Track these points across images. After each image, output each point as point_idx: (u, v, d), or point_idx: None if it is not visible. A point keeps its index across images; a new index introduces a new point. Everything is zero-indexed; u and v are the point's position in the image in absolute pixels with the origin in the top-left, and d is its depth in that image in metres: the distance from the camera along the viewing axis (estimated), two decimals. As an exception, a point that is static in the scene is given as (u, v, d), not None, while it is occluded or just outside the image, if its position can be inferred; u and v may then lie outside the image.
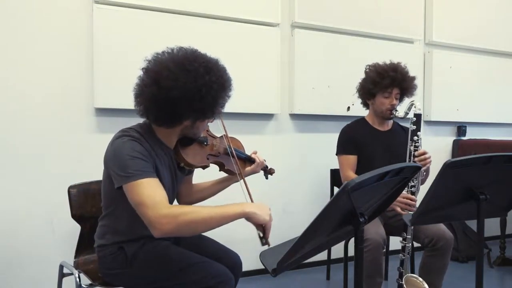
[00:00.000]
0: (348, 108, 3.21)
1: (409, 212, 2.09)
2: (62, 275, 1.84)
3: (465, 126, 3.80)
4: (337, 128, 2.51)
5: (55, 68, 2.45)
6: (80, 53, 2.49)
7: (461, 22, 3.66)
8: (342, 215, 1.13)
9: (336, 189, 2.66)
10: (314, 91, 3.11)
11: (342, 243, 2.51)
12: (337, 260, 3.06)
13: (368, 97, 2.42)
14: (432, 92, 3.57)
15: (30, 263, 2.41)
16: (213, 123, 1.62)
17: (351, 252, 1.36)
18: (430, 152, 2.17)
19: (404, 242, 2.12)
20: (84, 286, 1.67)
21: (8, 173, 2.36)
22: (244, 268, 2.93)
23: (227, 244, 1.80)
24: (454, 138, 3.80)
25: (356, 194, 1.06)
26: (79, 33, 2.49)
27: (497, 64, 3.88)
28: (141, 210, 1.29)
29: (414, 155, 2.13)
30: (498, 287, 2.88)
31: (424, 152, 2.13)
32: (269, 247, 1.35)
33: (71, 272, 1.75)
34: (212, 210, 1.31)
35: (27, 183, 2.40)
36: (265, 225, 1.39)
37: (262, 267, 1.25)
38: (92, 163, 2.28)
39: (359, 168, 2.40)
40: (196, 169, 1.69)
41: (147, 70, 1.43)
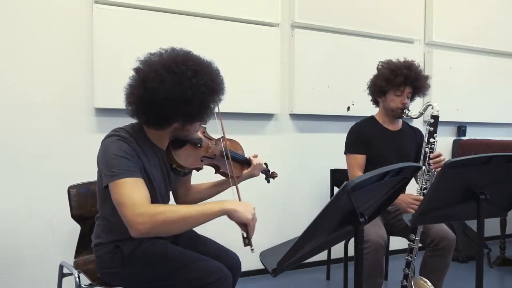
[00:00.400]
0: (348, 108, 3.21)
1: None
2: (62, 275, 1.84)
3: (465, 126, 3.80)
4: (337, 128, 2.50)
5: (55, 68, 2.45)
6: (80, 53, 2.49)
7: (461, 22, 3.67)
8: (342, 215, 1.13)
9: (336, 189, 2.65)
10: (314, 91, 3.11)
11: (342, 243, 2.51)
12: (337, 260, 3.06)
13: (379, 95, 2.35)
14: (432, 92, 3.55)
15: (30, 263, 2.40)
16: (213, 124, 1.61)
17: (351, 252, 1.36)
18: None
19: (413, 244, 2.09)
20: (84, 286, 1.67)
21: (8, 173, 2.37)
22: (244, 268, 2.94)
23: (227, 243, 1.79)
24: (454, 138, 3.80)
25: (356, 194, 1.06)
26: (79, 33, 2.49)
27: (497, 64, 3.88)
28: (120, 209, 1.30)
29: (429, 157, 2.09)
30: (498, 287, 2.88)
31: (439, 154, 2.10)
32: (270, 248, 1.34)
33: (71, 272, 1.75)
34: (191, 208, 1.29)
35: (27, 183, 2.40)
36: (247, 224, 1.35)
37: (262, 267, 1.25)
38: (92, 163, 2.25)
39: (367, 167, 2.32)
40: (190, 170, 1.66)
41: (138, 71, 1.43)
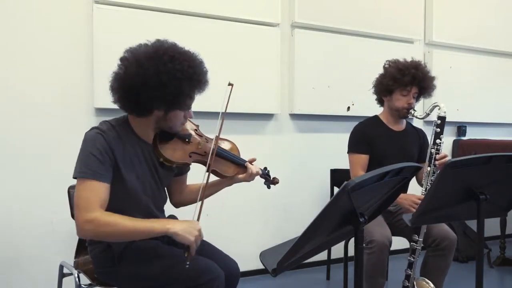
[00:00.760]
0: (348, 108, 3.21)
1: None
2: (62, 275, 1.84)
3: (465, 126, 3.80)
4: (337, 128, 2.49)
5: (55, 68, 2.45)
6: (80, 53, 2.49)
7: (461, 22, 3.66)
8: (342, 215, 1.13)
9: (336, 189, 2.65)
10: (314, 91, 3.11)
11: (342, 243, 2.51)
12: (337, 260, 3.05)
13: (385, 94, 2.33)
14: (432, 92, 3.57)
15: (30, 263, 2.40)
16: (213, 124, 1.59)
17: (351, 252, 1.36)
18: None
19: (415, 244, 2.08)
20: (83, 286, 1.67)
21: (8, 173, 2.37)
22: (244, 268, 2.96)
23: (227, 242, 1.79)
24: (454, 138, 3.80)
25: (356, 194, 1.06)
26: (79, 33, 2.49)
27: (497, 64, 3.88)
28: (75, 209, 1.34)
29: (435, 158, 2.08)
30: (498, 287, 2.88)
31: (445, 155, 2.10)
32: (270, 248, 1.33)
33: (71, 272, 1.75)
34: (138, 224, 1.33)
35: (27, 183, 2.40)
36: (189, 246, 1.35)
37: (262, 267, 1.25)
38: (92, 163, 2.28)
39: (370, 167, 2.31)
40: (179, 166, 1.59)
41: (122, 59, 1.45)
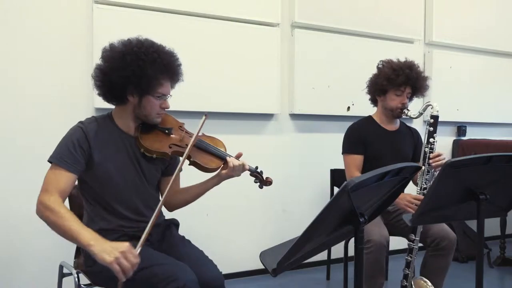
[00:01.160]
0: (348, 108, 3.21)
1: None
2: (62, 275, 1.84)
3: (465, 126, 3.80)
4: (337, 128, 2.50)
5: (55, 68, 2.45)
6: (80, 53, 2.49)
7: (461, 22, 3.66)
8: (342, 215, 1.13)
9: (336, 189, 2.65)
10: (314, 91, 3.11)
11: (342, 243, 2.51)
12: (337, 260, 3.05)
13: (379, 94, 2.34)
14: (432, 92, 3.55)
15: (30, 263, 2.41)
16: (212, 124, 1.60)
17: (351, 252, 1.36)
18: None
19: (412, 244, 2.09)
20: (83, 286, 1.68)
21: (8, 173, 2.37)
22: (244, 268, 2.96)
23: (227, 242, 1.79)
24: (454, 138, 3.80)
25: (356, 194, 1.06)
26: (79, 33, 2.49)
27: (497, 64, 3.88)
28: (41, 188, 1.47)
29: (429, 157, 2.09)
30: (498, 287, 2.88)
31: (439, 154, 2.10)
32: (270, 248, 1.33)
33: (70, 272, 1.75)
34: (72, 226, 1.37)
35: (27, 183, 2.38)
36: (110, 267, 1.28)
37: (262, 267, 1.25)
38: (92, 163, 2.27)
39: (365, 168, 2.32)
40: (159, 156, 1.61)
41: (102, 53, 1.59)
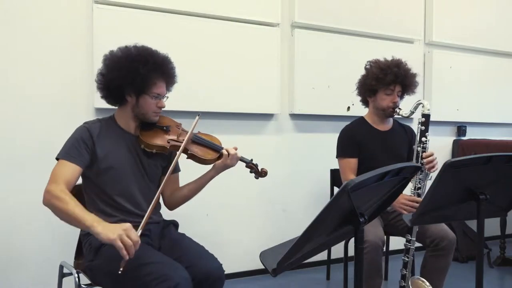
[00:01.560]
0: (348, 108, 3.21)
1: None
2: (62, 275, 1.84)
3: (465, 126, 3.80)
4: (337, 128, 2.49)
5: (55, 68, 2.45)
6: (80, 53, 2.49)
7: (461, 22, 3.66)
8: (342, 215, 1.13)
9: (336, 189, 2.65)
10: (314, 91, 3.11)
11: (342, 243, 2.51)
12: (337, 260, 3.05)
13: (369, 94, 2.34)
14: (432, 92, 3.57)
15: (30, 263, 2.40)
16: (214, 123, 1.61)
17: (351, 252, 1.36)
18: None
19: (409, 244, 2.09)
20: (83, 286, 1.68)
21: (8, 173, 2.37)
22: (244, 268, 2.96)
23: (227, 242, 1.79)
24: (454, 138, 3.80)
25: (356, 194, 1.06)
26: (79, 33, 2.49)
27: (497, 64, 3.88)
28: (48, 180, 1.55)
29: (421, 157, 2.09)
30: (498, 287, 2.88)
31: (431, 153, 2.10)
32: (270, 248, 1.33)
33: (70, 272, 1.75)
34: (76, 210, 1.44)
35: (27, 183, 2.39)
36: (113, 245, 1.35)
37: (262, 267, 1.25)
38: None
39: (360, 169, 2.33)
40: (158, 151, 1.71)
41: (104, 60, 1.71)
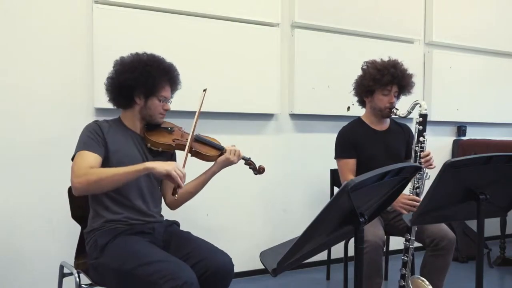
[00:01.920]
0: (348, 108, 3.22)
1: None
2: (62, 275, 1.84)
3: (465, 126, 3.80)
4: (337, 129, 2.49)
5: (55, 68, 2.45)
6: (80, 53, 2.49)
7: (461, 22, 3.66)
8: (342, 215, 1.13)
9: (336, 189, 2.65)
10: (314, 91, 3.11)
11: (342, 243, 2.51)
12: (337, 260, 3.06)
13: (366, 95, 2.35)
14: (432, 92, 3.57)
15: (30, 263, 2.40)
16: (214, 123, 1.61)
17: (351, 252, 1.36)
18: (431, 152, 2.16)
19: (408, 243, 2.10)
20: (83, 286, 1.68)
21: (8, 173, 2.36)
22: (244, 268, 2.96)
23: (228, 242, 1.79)
24: (454, 138, 3.80)
25: (356, 194, 1.06)
26: (79, 33, 2.49)
27: (497, 64, 3.88)
28: (70, 175, 1.56)
29: (419, 156, 2.10)
30: (498, 287, 2.88)
31: (429, 153, 2.12)
32: (270, 248, 1.33)
33: (71, 272, 1.75)
34: (117, 169, 1.52)
35: (27, 183, 2.39)
36: (170, 175, 1.49)
37: (262, 267, 1.25)
38: (92, 163, 2.27)
39: (359, 170, 2.33)
40: (164, 149, 1.78)
41: (114, 65, 1.77)
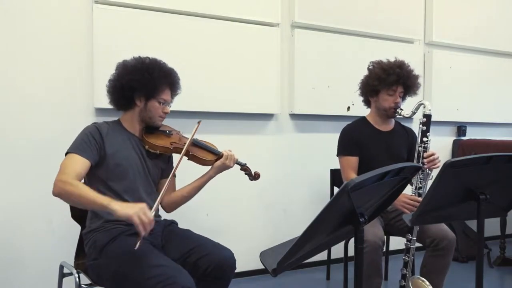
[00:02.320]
0: (348, 108, 3.22)
1: None
2: (62, 275, 1.84)
3: (465, 126, 3.80)
4: (337, 128, 2.49)
5: (55, 68, 2.45)
6: (80, 53, 2.49)
7: (461, 22, 3.66)
8: (342, 215, 1.13)
9: (336, 189, 2.65)
10: (314, 91, 3.11)
11: (342, 243, 2.51)
12: (337, 260, 3.05)
13: (372, 94, 2.35)
14: (432, 92, 3.57)
15: (30, 263, 2.40)
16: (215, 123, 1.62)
17: (351, 252, 1.36)
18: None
19: (409, 243, 2.10)
20: (83, 286, 1.68)
21: (8, 173, 2.36)
22: (244, 268, 2.96)
23: (228, 242, 1.79)
24: (454, 138, 3.80)
25: (356, 194, 1.06)
26: (79, 33, 2.49)
27: (497, 64, 3.88)
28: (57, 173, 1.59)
29: (423, 157, 2.10)
30: (498, 287, 2.89)
31: (433, 153, 2.11)
32: (270, 248, 1.33)
33: (71, 272, 1.75)
34: (89, 193, 1.51)
35: (27, 183, 2.39)
36: (131, 221, 1.42)
37: (262, 267, 1.25)
38: (92, 163, 2.27)
39: (360, 169, 2.34)
40: (162, 152, 1.82)
41: (116, 68, 1.82)
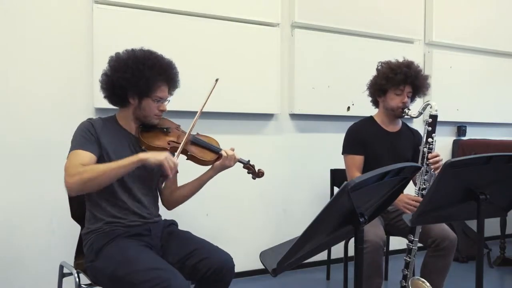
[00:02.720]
0: (348, 108, 3.21)
1: None
2: (62, 275, 1.84)
3: (465, 126, 3.80)
4: (337, 128, 2.50)
5: (55, 68, 2.45)
6: (80, 53, 2.49)
7: (461, 22, 3.66)
8: (342, 215, 1.13)
9: (336, 189, 2.65)
10: (314, 91, 3.11)
11: (342, 243, 2.51)
12: (337, 260, 3.05)
13: (379, 94, 2.33)
14: (432, 92, 3.56)
15: (30, 263, 2.40)
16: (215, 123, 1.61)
17: (351, 252, 1.36)
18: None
19: (411, 244, 2.09)
20: (83, 286, 1.68)
21: (8, 173, 2.36)
22: (244, 268, 2.96)
23: (228, 242, 1.79)
24: (454, 138, 3.80)
25: (356, 194, 1.06)
26: (79, 33, 2.49)
27: (497, 64, 3.88)
28: (64, 174, 1.54)
29: (427, 157, 2.09)
30: (498, 287, 2.89)
31: (437, 154, 2.10)
32: (270, 248, 1.33)
33: (71, 272, 1.75)
34: (109, 165, 1.53)
35: (27, 183, 2.39)
36: (162, 165, 1.52)
37: (262, 267, 1.25)
38: (92, 163, 2.27)
39: (365, 168, 2.32)
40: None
41: (109, 62, 1.73)
